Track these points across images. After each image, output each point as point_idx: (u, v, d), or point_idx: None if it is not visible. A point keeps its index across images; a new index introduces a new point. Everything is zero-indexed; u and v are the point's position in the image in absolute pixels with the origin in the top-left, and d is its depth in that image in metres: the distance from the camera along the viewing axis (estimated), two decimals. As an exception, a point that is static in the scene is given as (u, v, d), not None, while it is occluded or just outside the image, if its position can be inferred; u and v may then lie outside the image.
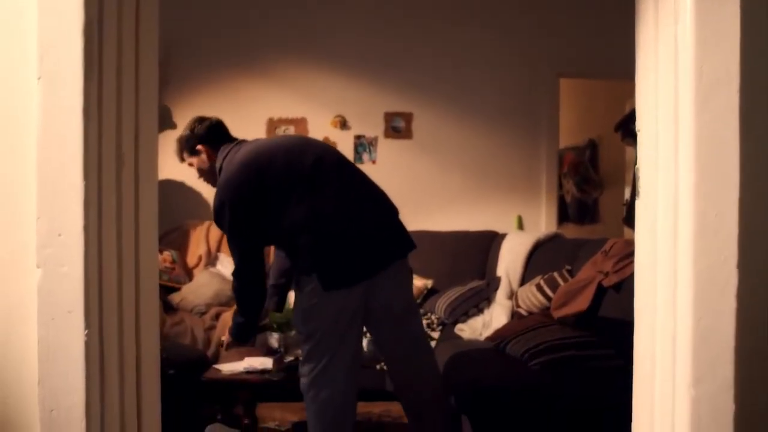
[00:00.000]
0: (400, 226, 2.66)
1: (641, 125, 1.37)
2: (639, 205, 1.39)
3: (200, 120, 2.74)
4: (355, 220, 2.48)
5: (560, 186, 6.07)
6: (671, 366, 1.26)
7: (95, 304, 1.23)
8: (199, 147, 2.67)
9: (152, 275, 1.43)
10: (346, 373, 2.49)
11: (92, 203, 1.23)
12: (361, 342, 2.73)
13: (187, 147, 2.71)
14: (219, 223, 2.57)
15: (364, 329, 2.75)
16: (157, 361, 1.44)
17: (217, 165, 2.64)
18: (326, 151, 2.66)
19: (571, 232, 5.84)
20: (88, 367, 1.22)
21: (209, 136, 2.69)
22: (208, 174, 2.72)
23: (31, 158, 1.22)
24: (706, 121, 1.23)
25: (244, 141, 2.71)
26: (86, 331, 1.21)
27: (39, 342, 1.21)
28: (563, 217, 6.03)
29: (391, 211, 2.65)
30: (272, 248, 3.39)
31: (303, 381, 2.53)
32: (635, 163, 1.41)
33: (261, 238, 2.60)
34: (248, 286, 2.60)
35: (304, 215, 2.41)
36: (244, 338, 2.83)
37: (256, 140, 2.76)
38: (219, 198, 2.51)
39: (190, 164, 2.76)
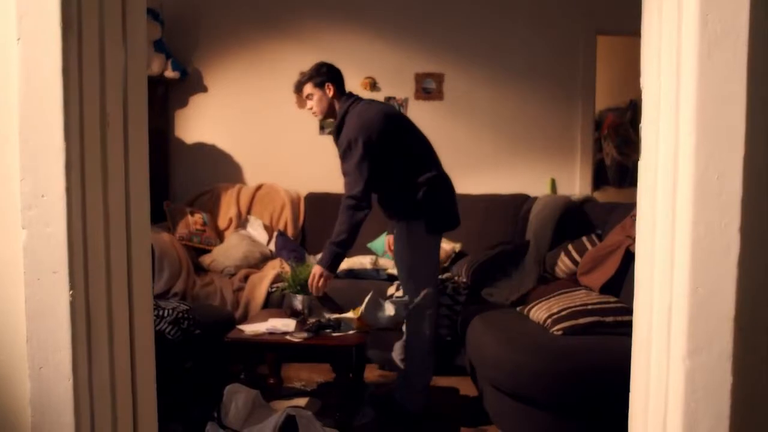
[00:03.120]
0: None
1: (644, 82, 1.29)
2: (640, 166, 1.31)
3: (330, 65, 3.26)
4: (448, 186, 3.26)
5: (600, 148, 5.90)
6: (666, 336, 1.21)
7: (80, 265, 1.24)
8: (328, 84, 3.18)
9: (144, 237, 1.43)
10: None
11: (75, 164, 1.23)
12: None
13: (317, 80, 3.20)
14: (346, 155, 3.10)
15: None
16: (150, 322, 1.46)
17: (341, 109, 3.19)
18: None
19: (610, 195, 5.68)
20: (74, 327, 1.24)
21: (338, 80, 3.23)
22: (327, 107, 3.22)
23: (15, 119, 1.23)
24: (710, 75, 1.14)
25: (358, 96, 3.24)
26: (71, 292, 1.23)
27: (26, 301, 1.24)
28: (602, 180, 5.87)
29: None
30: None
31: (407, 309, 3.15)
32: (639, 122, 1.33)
33: (379, 178, 3.11)
34: (361, 212, 3.09)
35: (427, 175, 3.13)
36: (337, 266, 3.26)
37: (374, 100, 3.36)
38: (355, 134, 3.06)
39: (308, 96, 3.24)
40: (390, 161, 3.11)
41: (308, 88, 3.21)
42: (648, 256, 1.27)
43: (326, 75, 3.19)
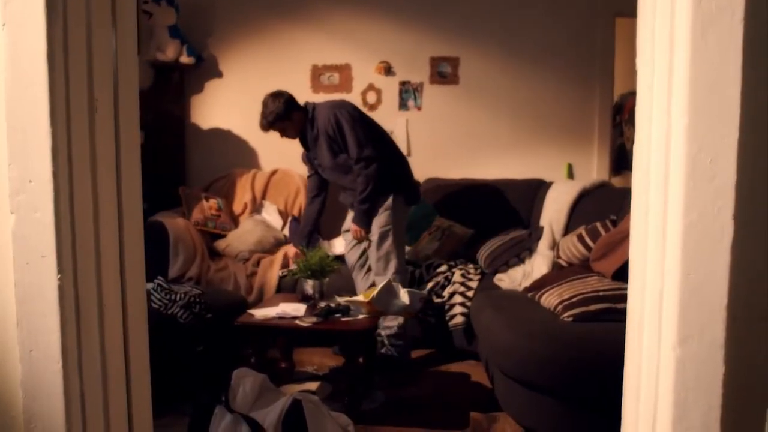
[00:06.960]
0: None
1: (639, 62, 1.25)
2: (634, 150, 1.28)
3: (276, 96, 3.54)
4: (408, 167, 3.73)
5: (621, 133, 5.78)
6: (657, 324, 1.17)
7: (68, 249, 1.25)
8: (292, 113, 3.53)
9: (136, 221, 1.44)
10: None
11: (62, 149, 1.24)
12: None
13: (283, 117, 3.50)
14: (340, 133, 3.44)
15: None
16: (144, 306, 1.47)
17: (308, 111, 3.55)
18: None
19: (630, 180, 5.58)
20: (62, 310, 1.25)
21: (294, 102, 3.55)
22: (298, 128, 3.58)
23: (2, 105, 1.23)
24: (703, 54, 1.09)
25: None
26: (59, 275, 1.24)
27: (15, 286, 1.25)
28: (623, 165, 5.77)
29: None
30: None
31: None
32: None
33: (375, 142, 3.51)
34: (372, 165, 3.42)
35: (399, 155, 3.67)
36: (369, 221, 3.55)
37: None
38: (333, 111, 3.45)
39: (281, 133, 3.60)
40: (367, 133, 3.49)
41: (279, 127, 3.54)
42: (641, 241, 1.23)
43: (286, 107, 3.49)
